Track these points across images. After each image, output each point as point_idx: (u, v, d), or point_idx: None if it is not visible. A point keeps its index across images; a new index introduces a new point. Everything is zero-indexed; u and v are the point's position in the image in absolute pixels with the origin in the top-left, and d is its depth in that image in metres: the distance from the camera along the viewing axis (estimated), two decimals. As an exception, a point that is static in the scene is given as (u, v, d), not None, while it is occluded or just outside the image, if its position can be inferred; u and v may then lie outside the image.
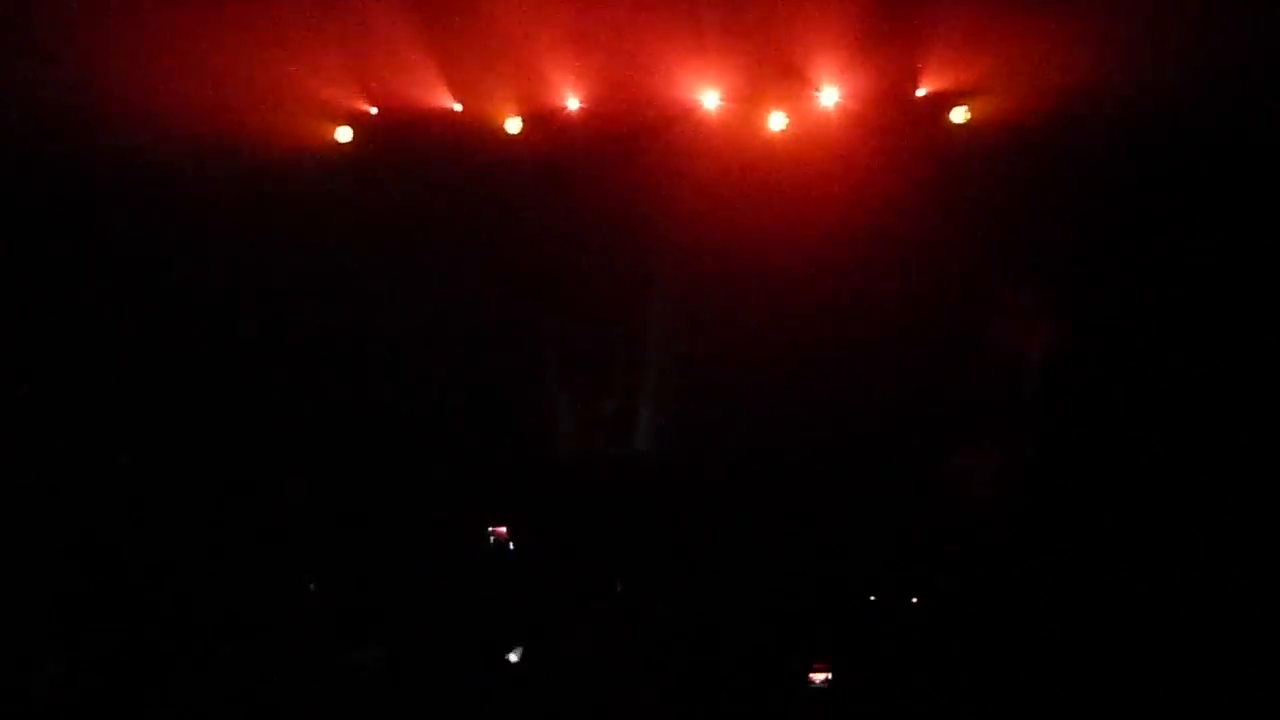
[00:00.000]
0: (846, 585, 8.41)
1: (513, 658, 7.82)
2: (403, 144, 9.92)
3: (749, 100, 9.65)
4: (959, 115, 9.45)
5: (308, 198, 9.86)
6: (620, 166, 9.79)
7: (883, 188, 9.52)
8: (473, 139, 9.87)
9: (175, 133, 9.30)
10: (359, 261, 9.91)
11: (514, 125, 9.86)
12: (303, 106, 9.74)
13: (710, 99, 9.66)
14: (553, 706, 7.41)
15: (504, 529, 8.80)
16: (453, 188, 9.92)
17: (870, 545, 8.71)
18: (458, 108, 9.83)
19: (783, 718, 7.30)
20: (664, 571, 8.61)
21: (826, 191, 9.61)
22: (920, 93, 9.43)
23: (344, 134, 9.95)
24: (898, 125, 9.51)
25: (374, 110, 9.90)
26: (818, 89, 9.49)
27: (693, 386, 9.84)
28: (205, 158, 9.56)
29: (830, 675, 7.50)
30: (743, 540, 8.72)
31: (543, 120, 9.84)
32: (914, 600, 8.39)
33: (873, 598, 8.46)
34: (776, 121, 9.65)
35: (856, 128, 9.54)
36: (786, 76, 9.46)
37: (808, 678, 7.50)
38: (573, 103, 9.79)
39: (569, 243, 9.92)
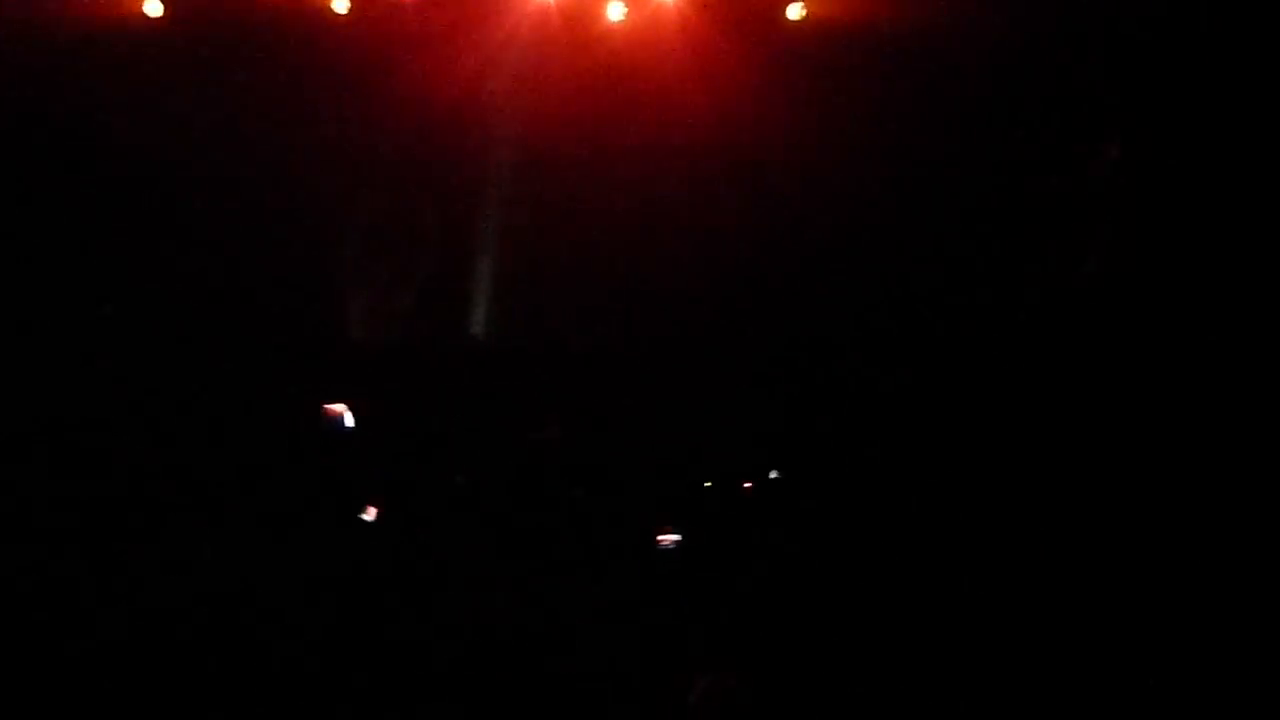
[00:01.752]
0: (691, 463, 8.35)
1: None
2: (218, 21, 9.25)
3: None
4: (795, 12, 9.46)
5: (115, 79, 9.17)
6: (453, 54, 9.40)
7: (721, 82, 9.47)
8: (297, 18, 9.30)
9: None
10: (174, 147, 9.25)
11: (341, 5, 9.36)
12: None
13: (549, -14, 9.40)
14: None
15: (337, 408, 8.38)
16: (274, 69, 9.35)
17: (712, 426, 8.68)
18: (281, -16, 9.29)
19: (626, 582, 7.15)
20: (504, 460, 8.38)
21: (665, 83, 9.50)
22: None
23: (153, 8, 9.26)
24: (735, 18, 9.46)
25: (186, -18, 9.25)
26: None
27: (526, 275, 9.67)
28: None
29: (679, 537, 7.44)
30: (585, 424, 8.57)
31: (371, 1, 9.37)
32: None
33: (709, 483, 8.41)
34: (615, 12, 9.47)
35: (696, 17, 9.44)
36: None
37: (655, 542, 7.43)
38: (405, -17, 9.37)
39: (398, 128, 9.52)
